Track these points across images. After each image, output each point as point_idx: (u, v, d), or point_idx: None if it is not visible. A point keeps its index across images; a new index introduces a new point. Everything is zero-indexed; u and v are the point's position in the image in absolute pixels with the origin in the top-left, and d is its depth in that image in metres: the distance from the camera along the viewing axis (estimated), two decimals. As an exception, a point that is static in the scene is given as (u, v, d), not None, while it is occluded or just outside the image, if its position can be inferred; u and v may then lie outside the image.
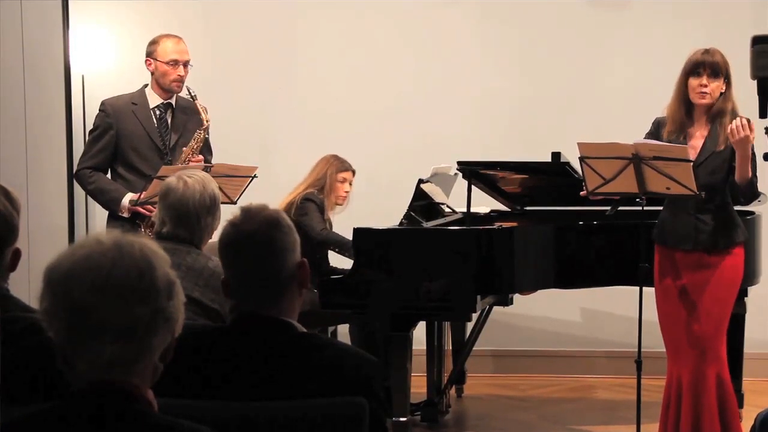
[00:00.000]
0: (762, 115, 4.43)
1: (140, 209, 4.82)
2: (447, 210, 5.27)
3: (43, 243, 5.72)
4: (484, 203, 5.59)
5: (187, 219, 3.37)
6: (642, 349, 4.42)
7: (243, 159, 5.25)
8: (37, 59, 6.35)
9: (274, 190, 5.60)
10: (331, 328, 5.52)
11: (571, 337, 6.37)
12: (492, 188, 5.48)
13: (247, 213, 2.42)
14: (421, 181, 4.94)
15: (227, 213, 2.64)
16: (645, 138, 4.41)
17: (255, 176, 5.10)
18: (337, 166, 5.55)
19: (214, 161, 5.05)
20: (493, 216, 5.60)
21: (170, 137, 4.98)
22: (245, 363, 2.27)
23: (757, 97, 4.65)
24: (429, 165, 5.22)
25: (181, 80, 4.98)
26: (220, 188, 5.04)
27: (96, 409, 1.66)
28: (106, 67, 6.10)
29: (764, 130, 4.31)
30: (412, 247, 4.62)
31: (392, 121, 6.35)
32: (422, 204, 5.02)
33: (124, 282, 1.67)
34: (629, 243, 4.69)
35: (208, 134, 5.02)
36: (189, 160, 4.91)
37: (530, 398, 5.91)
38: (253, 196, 4.97)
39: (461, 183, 5.14)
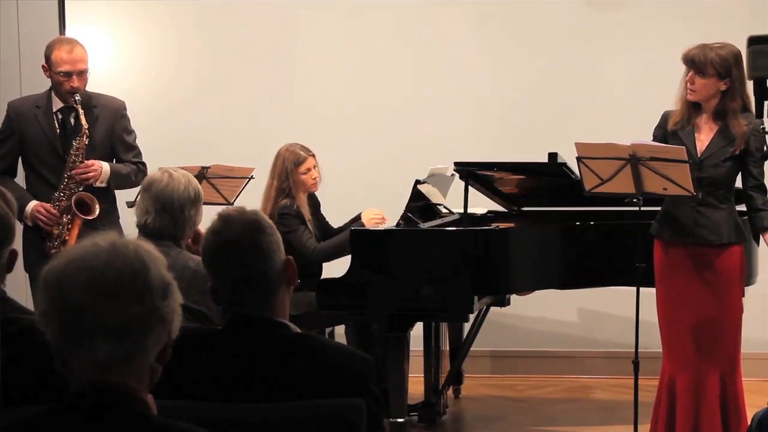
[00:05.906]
0: (759, 114, 4.43)
1: (38, 221, 4.66)
2: (444, 211, 5.27)
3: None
4: (481, 204, 5.59)
5: (171, 210, 3.30)
6: (639, 350, 4.42)
7: (240, 160, 5.25)
8: (33, 60, 6.32)
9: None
10: (328, 330, 5.51)
11: (569, 338, 6.37)
12: (489, 189, 5.48)
13: (227, 219, 2.37)
14: (418, 182, 4.94)
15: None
16: (654, 132, 4.40)
17: (252, 177, 5.10)
18: (294, 160, 5.15)
19: (211, 162, 5.03)
20: (490, 217, 5.60)
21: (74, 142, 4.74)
22: (241, 364, 2.27)
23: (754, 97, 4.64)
24: (426, 166, 5.22)
25: (74, 91, 4.68)
26: (217, 189, 5.06)
27: (93, 411, 1.66)
28: (103, 67, 6.08)
29: (761, 130, 4.32)
30: (409, 248, 4.62)
31: (389, 122, 6.34)
32: (419, 205, 5.01)
33: (118, 282, 1.66)
34: (629, 242, 4.67)
35: (88, 139, 4.71)
36: (71, 169, 4.67)
37: (527, 399, 5.90)
38: (250, 196, 4.99)
39: (458, 184, 5.13)
